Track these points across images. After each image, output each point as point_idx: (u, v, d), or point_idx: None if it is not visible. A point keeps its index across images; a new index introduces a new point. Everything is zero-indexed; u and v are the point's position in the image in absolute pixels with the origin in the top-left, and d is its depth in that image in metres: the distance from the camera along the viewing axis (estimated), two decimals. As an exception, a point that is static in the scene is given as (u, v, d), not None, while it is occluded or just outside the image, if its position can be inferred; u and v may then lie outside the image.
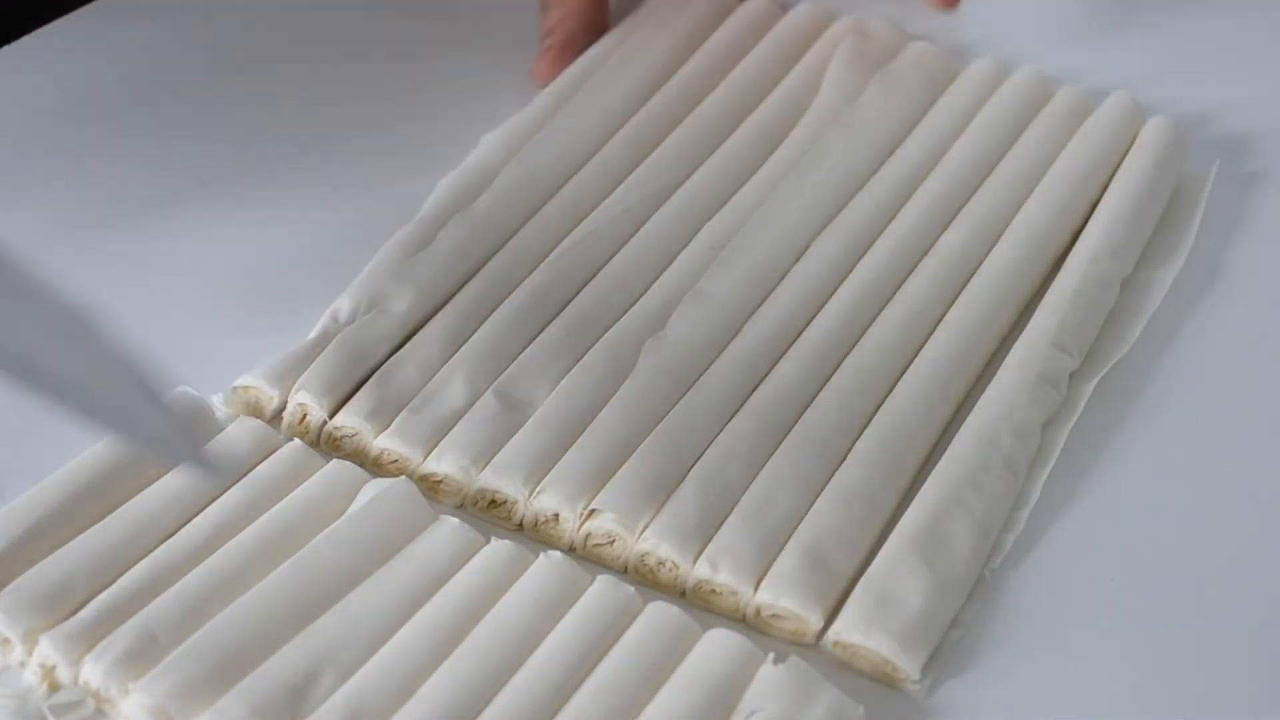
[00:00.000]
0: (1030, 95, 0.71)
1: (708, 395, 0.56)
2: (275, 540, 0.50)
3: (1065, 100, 0.71)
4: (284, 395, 0.55)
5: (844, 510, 0.52)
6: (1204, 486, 0.56)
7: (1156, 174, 0.67)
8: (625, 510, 0.52)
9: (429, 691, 0.46)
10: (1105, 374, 0.59)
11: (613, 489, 0.52)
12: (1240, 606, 0.52)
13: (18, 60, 0.73)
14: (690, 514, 0.52)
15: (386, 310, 0.58)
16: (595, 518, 0.52)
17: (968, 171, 0.66)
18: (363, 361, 0.57)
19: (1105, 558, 0.53)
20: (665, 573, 0.51)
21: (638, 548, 0.51)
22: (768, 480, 0.53)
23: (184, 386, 0.55)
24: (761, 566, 0.51)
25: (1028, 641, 0.50)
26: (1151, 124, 0.69)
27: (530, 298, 0.59)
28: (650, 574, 0.51)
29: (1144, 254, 0.64)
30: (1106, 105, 0.70)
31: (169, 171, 0.68)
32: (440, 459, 0.54)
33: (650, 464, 0.53)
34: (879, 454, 0.54)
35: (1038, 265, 0.63)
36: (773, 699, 0.46)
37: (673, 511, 0.52)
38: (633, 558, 0.52)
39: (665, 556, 0.51)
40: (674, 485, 0.53)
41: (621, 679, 0.47)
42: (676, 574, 0.51)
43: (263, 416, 0.55)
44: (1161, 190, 0.67)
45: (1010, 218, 0.64)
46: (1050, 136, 0.69)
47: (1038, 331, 0.59)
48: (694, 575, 0.51)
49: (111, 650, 0.46)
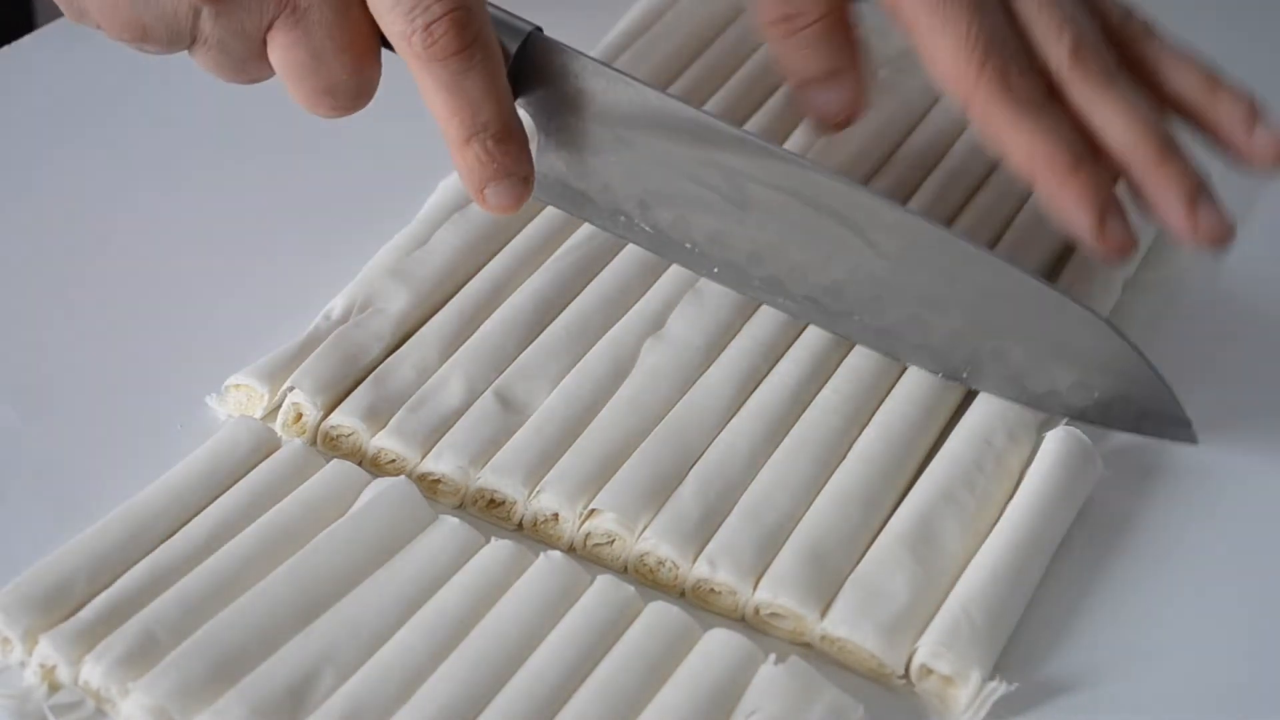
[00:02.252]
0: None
1: (707, 395, 0.56)
2: (275, 540, 0.50)
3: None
4: (275, 393, 0.55)
5: (843, 509, 0.52)
6: (1204, 486, 0.56)
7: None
8: (625, 510, 0.52)
9: (429, 692, 0.46)
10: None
11: (612, 489, 0.52)
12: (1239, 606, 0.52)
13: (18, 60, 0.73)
14: (690, 514, 0.52)
15: (381, 309, 0.58)
16: (595, 517, 0.52)
17: (968, 172, 0.66)
18: (356, 360, 0.56)
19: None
20: (665, 572, 0.51)
21: (637, 547, 0.51)
22: (767, 480, 0.53)
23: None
24: (760, 565, 0.51)
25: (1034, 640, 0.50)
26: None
27: (530, 299, 0.59)
28: (650, 573, 0.51)
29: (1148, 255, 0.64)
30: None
31: (168, 171, 0.68)
32: (439, 459, 0.54)
33: (650, 464, 0.53)
34: (879, 454, 0.54)
35: (1040, 265, 0.63)
36: (773, 699, 0.46)
37: (672, 511, 0.52)
38: (632, 557, 0.52)
39: (665, 556, 0.51)
40: (674, 485, 0.53)
41: (622, 679, 0.47)
42: (676, 574, 0.51)
43: (255, 415, 0.55)
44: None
45: (1010, 219, 0.64)
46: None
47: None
48: (693, 574, 0.51)
49: (112, 650, 0.46)
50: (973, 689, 0.47)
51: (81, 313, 0.61)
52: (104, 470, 0.54)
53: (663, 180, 0.56)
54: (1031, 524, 0.51)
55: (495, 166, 0.52)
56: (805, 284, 0.57)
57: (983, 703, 0.47)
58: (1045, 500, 0.52)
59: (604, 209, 0.58)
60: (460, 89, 0.51)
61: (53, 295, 0.62)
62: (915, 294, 0.56)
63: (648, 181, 0.57)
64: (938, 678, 0.48)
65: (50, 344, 0.60)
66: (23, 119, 0.71)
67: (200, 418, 0.56)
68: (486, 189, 0.53)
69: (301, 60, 0.52)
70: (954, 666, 0.47)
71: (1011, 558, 0.50)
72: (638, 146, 0.56)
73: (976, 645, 0.48)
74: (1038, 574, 0.51)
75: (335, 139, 0.64)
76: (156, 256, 0.64)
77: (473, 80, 0.51)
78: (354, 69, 0.52)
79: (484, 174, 0.52)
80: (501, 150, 0.52)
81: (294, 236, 0.65)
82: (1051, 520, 0.52)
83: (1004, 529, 0.51)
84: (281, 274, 0.62)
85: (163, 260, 0.64)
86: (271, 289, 0.61)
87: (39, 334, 0.60)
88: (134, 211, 0.66)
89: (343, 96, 0.53)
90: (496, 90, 0.52)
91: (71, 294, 0.62)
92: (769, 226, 0.56)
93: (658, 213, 0.57)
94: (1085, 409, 0.55)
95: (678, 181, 0.56)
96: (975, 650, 0.48)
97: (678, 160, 0.56)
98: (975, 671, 0.47)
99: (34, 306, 0.61)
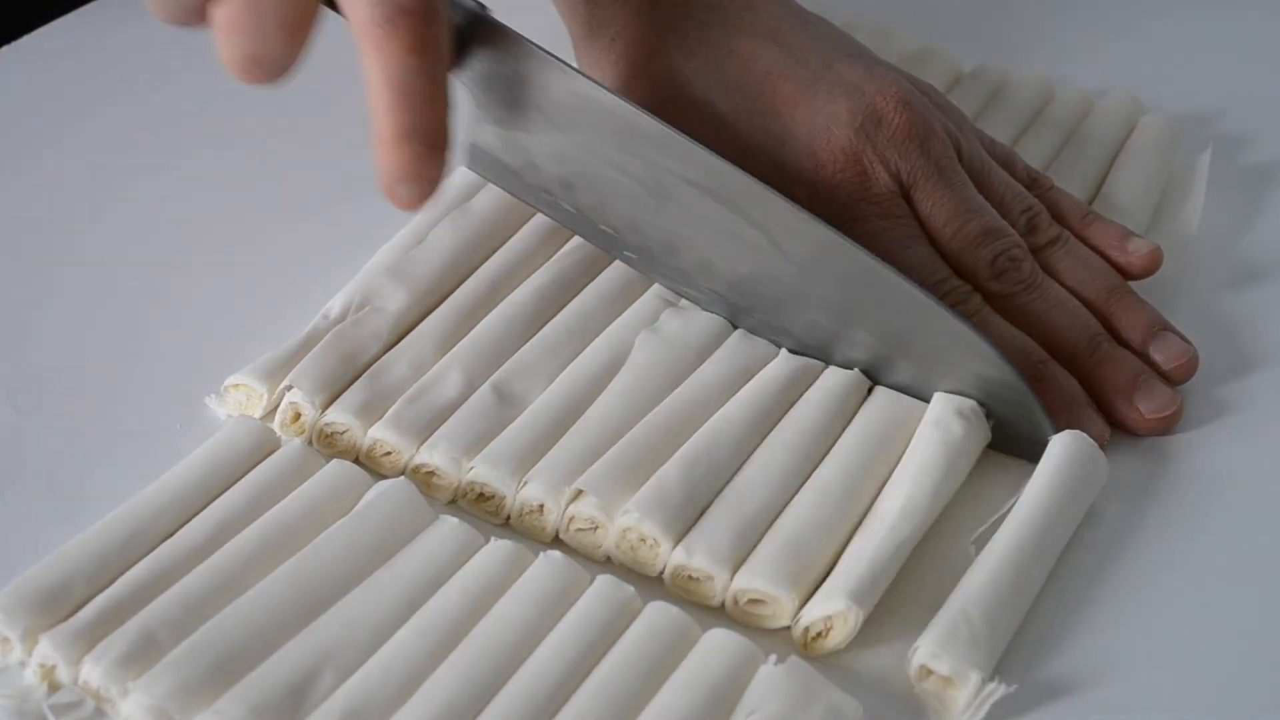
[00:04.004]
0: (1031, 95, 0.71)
1: (698, 389, 0.56)
2: (275, 540, 0.50)
3: (1067, 98, 0.71)
4: (273, 392, 0.55)
5: (822, 501, 0.52)
6: (1206, 489, 0.56)
7: (1148, 171, 0.67)
8: (608, 492, 0.52)
9: (428, 691, 0.46)
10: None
11: (597, 470, 0.52)
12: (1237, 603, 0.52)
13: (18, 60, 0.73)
14: (673, 494, 0.52)
15: (379, 308, 0.58)
16: (578, 501, 0.52)
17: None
18: (354, 359, 0.57)
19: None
20: (645, 550, 0.51)
21: (619, 522, 0.51)
22: (750, 470, 0.53)
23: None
24: (739, 553, 0.51)
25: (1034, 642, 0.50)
26: (1144, 122, 0.70)
27: (531, 296, 0.59)
28: (630, 551, 0.51)
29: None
30: (1106, 103, 0.71)
31: (168, 170, 0.68)
32: (433, 449, 0.54)
33: (636, 449, 0.53)
34: (861, 447, 0.54)
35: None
36: (773, 699, 0.46)
37: (655, 489, 0.52)
38: (614, 535, 0.51)
39: (647, 534, 0.51)
40: (658, 469, 0.53)
41: (621, 679, 0.47)
42: (656, 553, 0.51)
43: (254, 414, 0.55)
44: (1153, 186, 0.67)
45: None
46: (1050, 136, 0.69)
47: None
48: (672, 560, 0.51)
49: (111, 650, 0.46)
50: (971, 690, 0.47)
51: (81, 312, 0.61)
52: (104, 470, 0.54)
53: (587, 165, 0.58)
54: (1035, 527, 0.51)
55: (418, 169, 0.52)
56: (713, 278, 0.58)
57: (981, 704, 0.47)
58: (1050, 503, 0.52)
59: (529, 185, 0.60)
60: (407, 89, 0.51)
61: (53, 295, 0.62)
62: (816, 301, 0.57)
63: (572, 164, 0.58)
64: (937, 678, 0.48)
65: (50, 344, 0.60)
66: (23, 115, 0.71)
67: (200, 417, 0.56)
68: (400, 186, 0.53)
69: (242, 24, 0.51)
70: (952, 667, 0.47)
71: (1013, 560, 0.50)
72: (566, 130, 0.58)
73: (975, 647, 0.48)
74: (1040, 577, 0.51)
75: (335, 140, 0.64)
76: (156, 256, 0.64)
77: (421, 83, 0.51)
78: (288, 43, 0.52)
79: (404, 173, 0.52)
80: (429, 156, 0.52)
81: (294, 237, 0.65)
82: (1055, 523, 0.52)
83: (1007, 531, 0.51)
84: (282, 274, 0.62)
85: (163, 260, 0.64)
86: (272, 289, 0.62)
87: (39, 334, 0.60)
88: (133, 211, 0.66)
89: (269, 66, 0.52)
90: (441, 97, 0.52)
91: (71, 294, 0.62)
92: (684, 220, 0.58)
93: (580, 195, 0.59)
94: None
95: (601, 168, 0.58)
96: (974, 652, 0.48)
97: (602, 148, 0.57)
98: (974, 673, 0.47)
99: (34, 306, 0.61)
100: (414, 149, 0.52)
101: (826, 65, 0.61)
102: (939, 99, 0.64)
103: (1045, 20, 0.81)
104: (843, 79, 0.61)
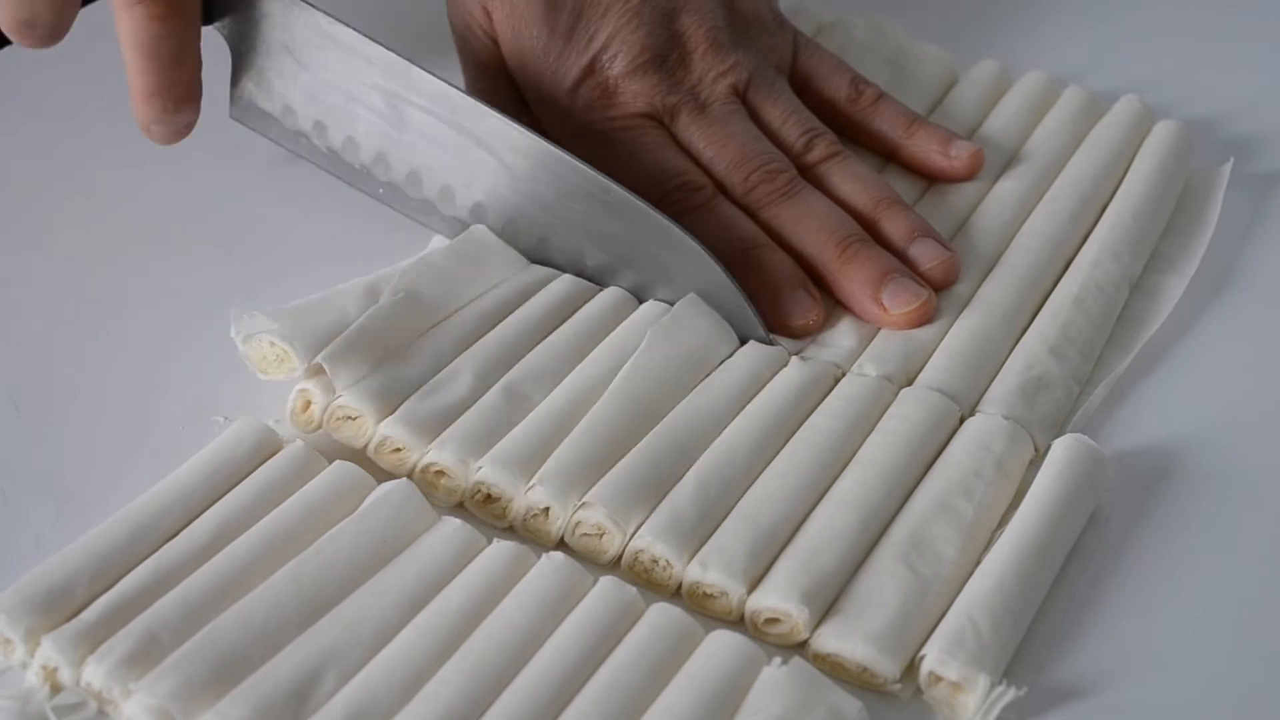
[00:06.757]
0: (1038, 97, 0.71)
1: (709, 398, 0.56)
2: (278, 541, 0.50)
3: (1073, 102, 0.71)
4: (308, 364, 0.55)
5: (840, 516, 0.52)
6: (1214, 492, 0.55)
7: (1160, 177, 0.67)
8: (617, 506, 0.51)
9: (431, 693, 0.46)
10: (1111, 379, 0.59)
11: (606, 484, 0.52)
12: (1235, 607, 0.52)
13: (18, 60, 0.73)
14: (687, 514, 0.51)
15: (418, 294, 0.58)
16: (585, 509, 0.52)
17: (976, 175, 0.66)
18: (380, 344, 0.56)
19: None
20: (659, 571, 0.51)
21: (633, 545, 0.51)
22: (765, 484, 0.53)
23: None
24: (754, 569, 0.50)
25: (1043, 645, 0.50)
26: (1159, 127, 0.69)
27: (546, 304, 0.59)
28: (644, 572, 0.51)
29: (1157, 257, 0.64)
30: (1117, 108, 0.70)
31: (169, 171, 0.68)
32: (442, 449, 0.53)
33: (647, 461, 0.53)
34: (880, 461, 0.54)
35: (1050, 272, 0.62)
36: (776, 700, 0.46)
37: (670, 510, 0.51)
38: (626, 554, 0.51)
39: (660, 555, 0.51)
40: (669, 484, 0.52)
41: (624, 680, 0.46)
42: (670, 573, 0.51)
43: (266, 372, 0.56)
44: (1168, 193, 0.67)
45: (1018, 226, 0.64)
46: (1061, 140, 0.69)
47: (1037, 338, 0.59)
48: (687, 576, 0.50)
49: (114, 651, 0.46)
50: (980, 694, 0.47)
51: (84, 313, 0.61)
52: (106, 471, 0.54)
53: (333, 103, 0.61)
54: (1040, 530, 0.51)
55: (167, 118, 0.59)
56: (453, 205, 0.61)
57: (990, 708, 0.47)
58: (1054, 507, 0.52)
59: (288, 130, 0.63)
60: (155, 52, 0.57)
61: (54, 295, 0.62)
62: (547, 218, 0.59)
63: (320, 103, 0.61)
64: (946, 684, 0.48)
65: (52, 344, 0.60)
66: (33, 119, 0.71)
67: (203, 419, 0.56)
68: (154, 128, 0.60)
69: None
70: (961, 673, 0.47)
71: (1019, 564, 0.50)
72: (313, 69, 0.61)
73: (983, 651, 0.48)
74: (1047, 580, 0.51)
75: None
76: (160, 257, 0.64)
77: (167, 46, 0.57)
78: (58, 9, 0.57)
79: (156, 120, 0.60)
80: (176, 109, 0.59)
81: (299, 238, 0.65)
82: (1060, 527, 0.52)
83: (1012, 535, 0.51)
84: (283, 274, 0.62)
85: (166, 260, 0.64)
86: (275, 288, 0.61)
87: (41, 334, 0.60)
88: (134, 212, 0.66)
89: (41, 29, 0.57)
90: (188, 58, 0.58)
91: (74, 294, 0.62)
92: (420, 147, 0.60)
93: (331, 134, 0.62)
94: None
95: (345, 104, 0.61)
96: (982, 656, 0.47)
97: (344, 83, 0.61)
98: (983, 677, 0.47)
99: (35, 306, 0.61)
100: (163, 104, 0.59)
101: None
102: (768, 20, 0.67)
103: (1046, 20, 0.81)
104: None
